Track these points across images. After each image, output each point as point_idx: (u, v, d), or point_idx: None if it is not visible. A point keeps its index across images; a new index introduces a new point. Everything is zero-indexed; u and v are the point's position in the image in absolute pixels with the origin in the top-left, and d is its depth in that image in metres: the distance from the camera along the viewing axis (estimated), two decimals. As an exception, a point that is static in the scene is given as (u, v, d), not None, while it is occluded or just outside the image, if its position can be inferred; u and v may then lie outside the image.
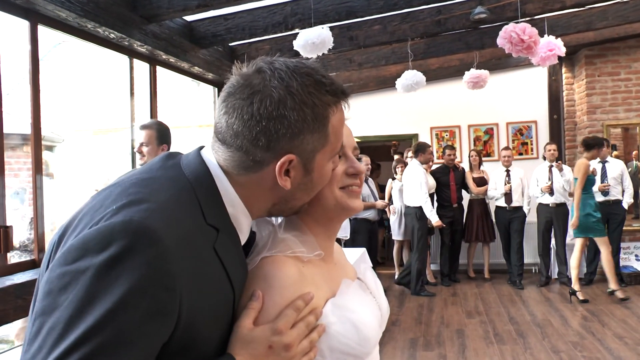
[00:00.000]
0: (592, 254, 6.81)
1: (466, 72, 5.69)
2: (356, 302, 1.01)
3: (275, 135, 0.84)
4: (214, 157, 0.90)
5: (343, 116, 0.93)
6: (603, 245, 5.96)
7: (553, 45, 4.31)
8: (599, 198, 6.64)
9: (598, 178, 6.64)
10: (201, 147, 0.94)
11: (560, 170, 6.61)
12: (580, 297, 5.99)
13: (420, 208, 6.52)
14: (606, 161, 6.72)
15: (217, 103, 0.89)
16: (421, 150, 6.73)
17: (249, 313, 0.86)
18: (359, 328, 0.95)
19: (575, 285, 6.04)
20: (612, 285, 6.03)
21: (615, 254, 6.74)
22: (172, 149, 1.81)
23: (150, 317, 0.71)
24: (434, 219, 6.55)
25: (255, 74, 0.86)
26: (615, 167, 6.72)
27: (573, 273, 6.10)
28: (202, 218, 0.83)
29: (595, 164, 6.73)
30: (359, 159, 1.08)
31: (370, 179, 6.90)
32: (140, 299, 0.70)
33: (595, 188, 6.57)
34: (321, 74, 0.88)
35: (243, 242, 0.95)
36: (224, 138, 0.87)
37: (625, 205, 6.74)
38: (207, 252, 0.82)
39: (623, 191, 6.72)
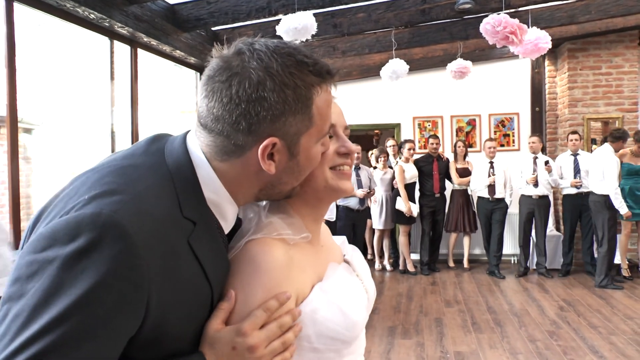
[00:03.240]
0: (567, 247, 6.95)
1: (453, 62, 5.68)
2: (343, 286, 0.99)
3: (256, 118, 0.82)
4: (198, 143, 0.87)
5: (329, 97, 0.90)
6: None
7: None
8: (572, 191, 6.75)
9: (571, 172, 6.75)
10: (188, 132, 0.91)
11: (549, 171, 6.70)
12: (624, 274, 6.67)
13: (608, 196, 6.17)
14: (577, 154, 6.81)
15: (199, 87, 0.87)
16: (623, 138, 6.27)
17: (218, 314, 0.85)
18: (346, 313, 0.94)
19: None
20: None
21: (589, 245, 6.86)
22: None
23: (116, 311, 0.70)
24: (623, 210, 6.13)
25: (235, 55, 0.84)
26: (587, 160, 6.78)
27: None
28: (179, 210, 0.81)
29: (567, 157, 6.82)
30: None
31: (363, 167, 6.87)
32: (106, 293, 0.69)
33: (567, 183, 6.76)
34: (304, 54, 0.85)
35: (227, 230, 0.92)
36: (205, 123, 0.85)
37: None
38: (180, 246, 0.80)
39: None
